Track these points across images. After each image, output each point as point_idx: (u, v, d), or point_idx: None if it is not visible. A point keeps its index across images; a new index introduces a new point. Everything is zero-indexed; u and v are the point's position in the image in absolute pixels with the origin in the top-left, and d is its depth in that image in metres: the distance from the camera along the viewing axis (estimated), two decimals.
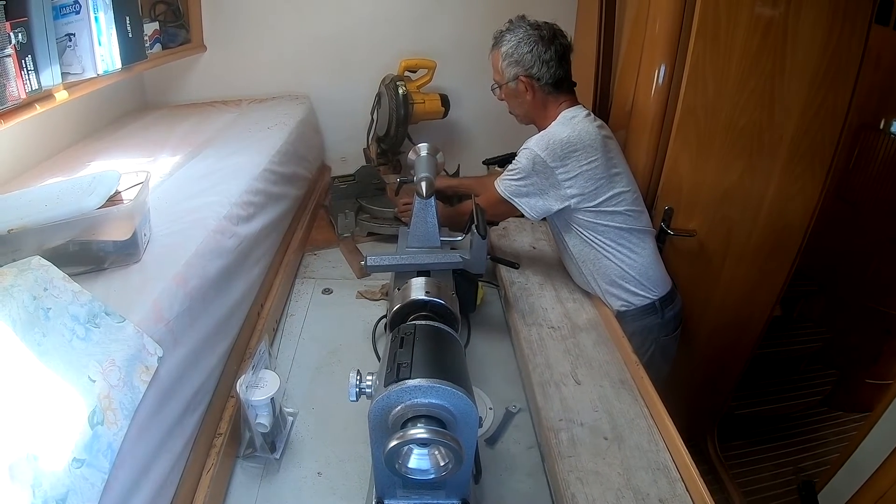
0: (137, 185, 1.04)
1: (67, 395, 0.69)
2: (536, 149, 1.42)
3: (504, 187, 1.48)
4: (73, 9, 1.27)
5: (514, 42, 1.44)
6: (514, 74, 1.47)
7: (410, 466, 0.76)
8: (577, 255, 1.54)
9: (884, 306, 2.41)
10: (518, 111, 1.56)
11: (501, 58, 1.47)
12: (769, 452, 2.32)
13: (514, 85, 1.48)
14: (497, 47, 1.49)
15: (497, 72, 1.51)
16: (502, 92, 1.54)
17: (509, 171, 1.49)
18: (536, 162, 1.42)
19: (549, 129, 1.47)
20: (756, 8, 1.47)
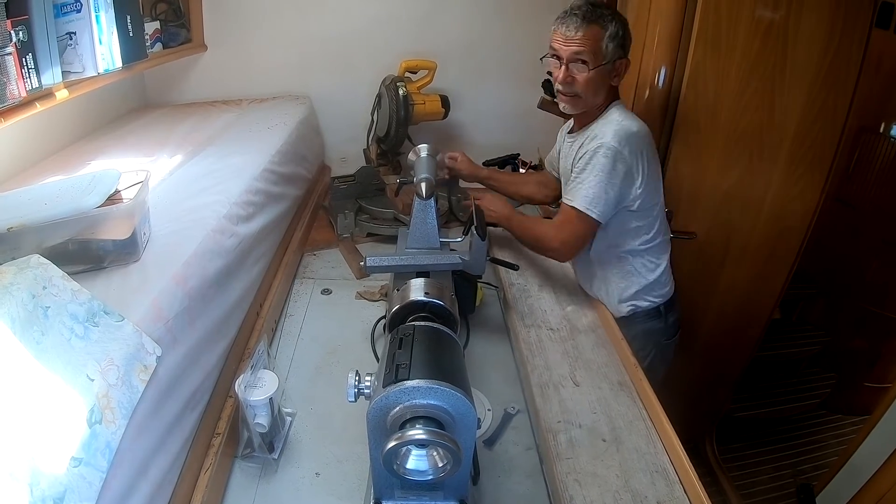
0: (137, 184, 1.04)
1: (66, 394, 0.69)
2: (615, 143, 1.32)
3: (584, 202, 1.35)
4: (74, 7, 1.27)
5: (621, 23, 1.34)
6: (616, 56, 1.35)
7: (409, 467, 0.76)
8: (597, 259, 1.49)
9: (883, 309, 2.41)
10: (591, 97, 1.40)
11: (608, 38, 1.32)
12: (768, 455, 2.32)
13: (610, 67, 1.36)
14: (596, 25, 1.32)
15: (594, 51, 1.33)
16: (587, 74, 1.36)
17: (580, 181, 1.36)
18: (618, 159, 1.32)
19: (616, 122, 1.37)
20: (757, 11, 1.47)
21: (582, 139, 1.42)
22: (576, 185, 1.37)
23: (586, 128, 1.44)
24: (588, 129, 1.43)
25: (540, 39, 2.23)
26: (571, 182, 1.39)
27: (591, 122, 1.43)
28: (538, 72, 2.01)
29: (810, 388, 2.60)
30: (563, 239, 1.41)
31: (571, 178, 1.40)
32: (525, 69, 2.23)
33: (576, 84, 1.36)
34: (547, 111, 2.10)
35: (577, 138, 1.47)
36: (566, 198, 1.40)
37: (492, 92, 2.34)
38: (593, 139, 1.36)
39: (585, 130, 1.44)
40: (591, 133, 1.40)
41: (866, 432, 1.67)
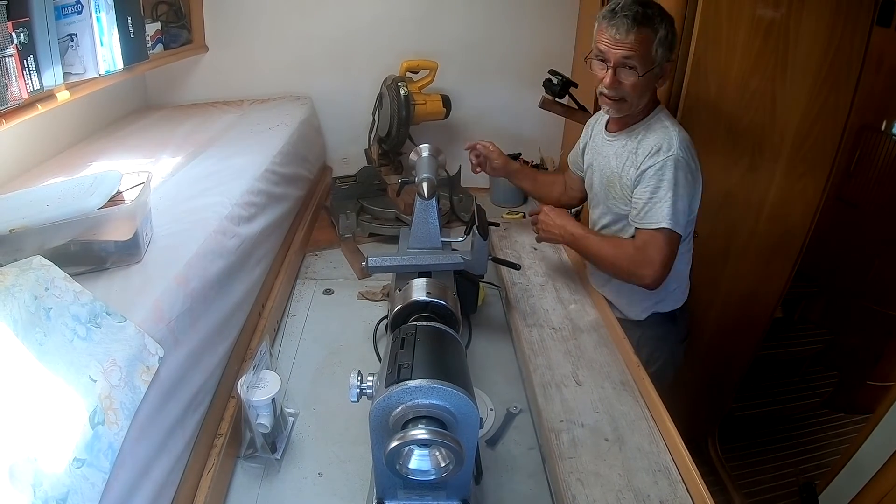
0: (139, 185, 1.04)
1: (68, 395, 0.69)
2: (682, 153, 1.27)
3: (669, 221, 1.27)
4: (74, 9, 1.27)
5: (670, 25, 1.26)
6: (664, 59, 1.28)
7: (411, 467, 0.76)
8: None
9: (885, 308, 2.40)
10: (637, 101, 1.34)
11: (658, 42, 1.25)
12: (770, 454, 2.32)
13: (658, 70, 1.30)
14: (648, 28, 1.25)
15: (645, 56, 1.26)
16: (636, 79, 1.29)
17: (657, 199, 1.28)
18: (687, 168, 1.28)
19: (672, 129, 1.31)
20: (758, 9, 1.47)
21: (631, 145, 1.36)
22: (653, 204, 1.29)
23: (629, 131, 1.39)
24: (633, 133, 1.37)
25: (541, 39, 2.26)
26: (647, 202, 1.30)
27: (635, 125, 1.38)
28: (539, 71, 2.02)
29: (812, 386, 2.60)
30: (654, 264, 1.30)
31: (646, 200, 1.30)
32: (526, 68, 2.24)
33: (622, 88, 1.30)
34: (548, 110, 2.09)
35: (619, 139, 1.41)
36: (646, 222, 1.30)
37: (493, 91, 2.34)
38: (656, 151, 1.29)
39: (631, 135, 1.38)
40: (644, 141, 1.33)
41: (869, 431, 1.67)
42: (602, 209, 1.50)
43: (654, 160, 1.29)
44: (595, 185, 1.51)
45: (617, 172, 1.40)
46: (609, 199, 1.44)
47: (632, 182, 1.34)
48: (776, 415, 2.47)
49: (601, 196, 1.48)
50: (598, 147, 1.51)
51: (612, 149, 1.43)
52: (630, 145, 1.37)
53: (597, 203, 1.52)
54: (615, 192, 1.41)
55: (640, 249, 1.32)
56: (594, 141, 1.55)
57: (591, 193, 1.56)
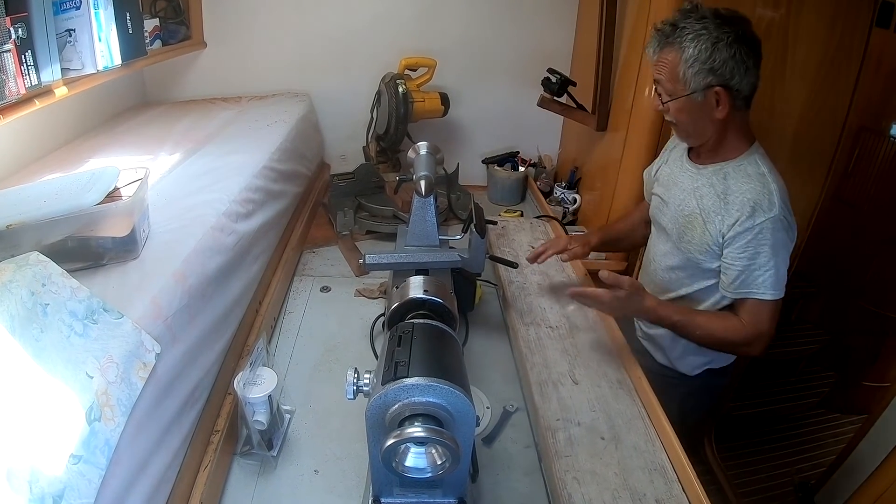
0: (136, 181, 1.04)
1: (65, 392, 0.69)
2: (783, 212, 1.14)
3: (775, 291, 1.17)
4: (73, 4, 1.27)
5: (708, 43, 1.09)
6: (705, 84, 1.12)
7: (407, 465, 0.76)
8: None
9: (882, 308, 2.41)
10: (691, 127, 1.21)
11: (685, 63, 1.11)
12: (766, 454, 2.32)
13: (702, 97, 1.14)
14: (674, 47, 1.13)
15: (672, 79, 1.15)
16: (676, 105, 1.17)
17: (758, 266, 1.16)
18: (788, 228, 1.16)
19: (770, 180, 1.17)
20: (757, 10, 1.47)
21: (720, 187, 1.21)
22: (751, 272, 1.17)
23: (718, 169, 1.23)
24: (721, 172, 1.22)
25: (540, 37, 2.25)
26: (743, 270, 1.17)
27: (724, 163, 1.22)
28: (538, 69, 2.02)
29: (809, 386, 2.60)
30: (763, 336, 1.20)
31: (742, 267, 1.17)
32: (525, 67, 2.24)
33: (669, 113, 1.21)
34: (547, 109, 2.10)
35: (703, 174, 1.26)
36: (747, 292, 1.19)
37: (491, 89, 2.34)
38: (754, 210, 1.14)
39: (719, 174, 1.22)
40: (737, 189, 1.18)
41: (865, 431, 1.67)
42: (669, 247, 1.35)
43: (753, 222, 1.14)
44: (666, 220, 1.35)
45: (698, 214, 1.24)
46: (683, 242, 1.28)
47: (718, 235, 1.20)
48: (773, 414, 2.47)
49: (673, 234, 1.32)
50: (675, 176, 1.35)
51: (694, 183, 1.27)
52: (718, 187, 1.21)
53: (664, 239, 1.37)
54: (693, 235, 1.25)
55: (749, 323, 1.20)
56: (670, 166, 1.38)
57: (657, 227, 1.42)
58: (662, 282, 1.38)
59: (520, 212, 2.19)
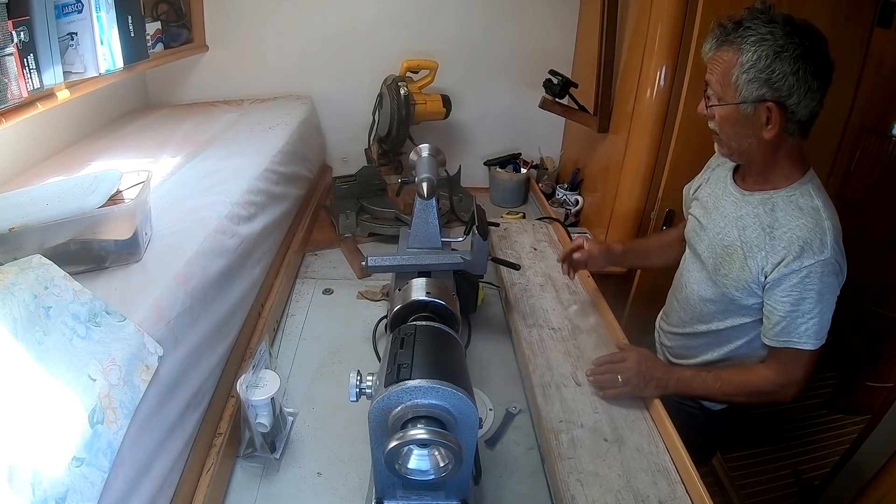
0: (139, 184, 1.04)
1: (67, 394, 0.69)
2: (835, 256, 1.04)
3: (817, 341, 1.09)
4: (75, 8, 1.27)
5: (771, 51, 0.98)
6: (758, 97, 1.02)
7: (410, 467, 0.76)
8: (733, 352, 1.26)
9: (885, 309, 2.40)
10: (735, 143, 1.11)
11: (740, 66, 1.01)
12: (769, 455, 2.32)
13: (752, 110, 1.03)
14: (732, 47, 1.02)
15: (723, 81, 1.05)
16: (721, 111, 1.08)
17: (802, 313, 1.07)
18: (838, 273, 1.06)
19: (825, 218, 1.06)
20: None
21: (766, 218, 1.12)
22: (794, 318, 1.08)
23: (766, 197, 1.13)
24: (769, 201, 1.12)
25: (541, 39, 2.25)
26: (786, 316, 1.09)
27: (774, 191, 1.13)
28: (540, 71, 2.02)
29: (812, 387, 2.59)
30: (797, 384, 1.14)
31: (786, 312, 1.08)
32: (527, 69, 2.24)
33: (713, 121, 1.11)
34: (548, 111, 2.10)
35: (748, 201, 1.16)
36: (787, 340, 1.10)
37: (493, 91, 2.35)
38: (803, 250, 1.04)
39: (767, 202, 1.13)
40: (785, 221, 1.09)
41: (868, 432, 1.67)
42: (704, 277, 1.25)
43: (801, 264, 1.05)
44: (703, 247, 1.26)
45: (741, 247, 1.14)
46: (719, 274, 1.19)
47: (760, 273, 1.11)
48: (775, 415, 2.46)
49: (709, 264, 1.23)
50: (717, 199, 1.25)
51: (738, 211, 1.18)
52: (765, 218, 1.12)
53: (699, 267, 1.28)
54: (731, 269, 1.16)
55: (781, 372, 1.13)
56: (713, 188, 1.28)
57: (692, 251, 1.31)
58: (695, 312, 1.30)
59: (522, 213, 2.19)
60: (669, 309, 1.43)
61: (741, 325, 1.21)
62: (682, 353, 1.39)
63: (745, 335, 1.22)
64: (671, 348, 1.43)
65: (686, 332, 1.35)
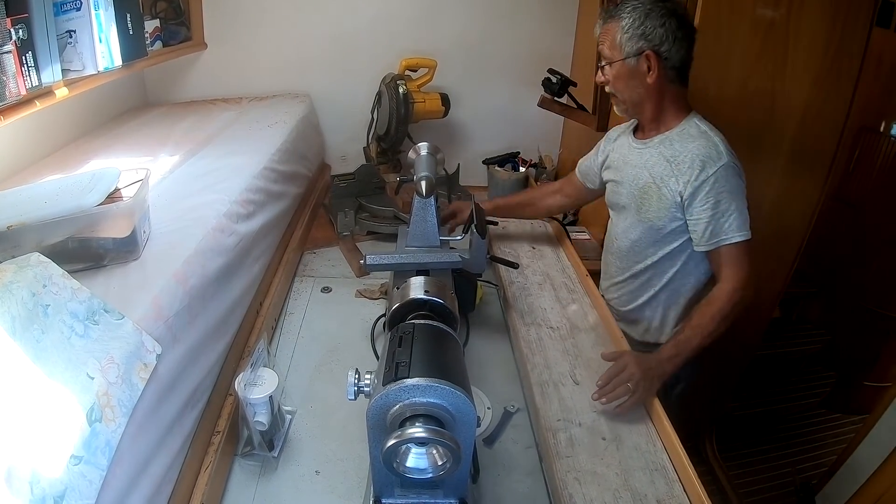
0: (137, 182, 1.04)
1: (66, 392, 0.69)
2: (730, 158, 1.25)
3: (742, 232, 1.24)
4: (73, 5, 1.27)
5: (642, 13, 1.24)
6: (637, 49, 1.26)
7: (408, 465, 0.76)
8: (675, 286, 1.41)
9: (883, 308, 2.41)
10: (627, 95, 1.33)
11: (622, 30, 1.26)
12: (767, 454, 2.32)
13: (635, 62, 1.27)
14: (614, 19, 1.28)
15: (611, 46, 1.29)
16: (612, 70, 1.31)
17: (722, 212, 1.24)
18: (740, 173, 1.26)
19: (713, 134, 1.28)
20: (757, 9, 1.47)
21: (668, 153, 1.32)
22: (717, 219, 1.25)
23: (663, 139, 1.34)
24: (667, 140, 1.33)
25: (540, 37, 2.25)
26: (711, 220, 1.25)
27: (667, 132, 1.34)
28: (538, 70, 2.02)
29: (810, 386, 2.60)
30: (749, 279, 1.26)
31: (709, 217, 1.25)
32: (525, 67, 2.24)
33: (610, 85, 1.34)
34: (547, 109, 2.10)
35: (649, 147, 1.37)
36: (718, 240, 1.25)
37: (492, 90, 2.35)
38: (705, 163, 1.24)
39: (665, 143, 1.33)
40: (684, 150, 1.29)
41: (866, 431, 1.67)
42: (630, 222, 1.42)
43: (707, 174, 1.24)
44: (623, 197, 1.44)
45: (654, 182, 1.33)
46: (642, 212, 1.37)
47: (676, 196, 1.29)
48: (773, 415, 2.47)
49: (631, 209, 1.41)
50: (625, 156, 1.45)
51: (643, 157, 1.38)
52: (666, 153, 1.32)
53: (622, 217, 1.46)
54: (651, 203, 1.34)
55: (731, 275, 1.26)
56: (619, 152, 1.48)
57: (617, 208, 1.49)
58: (629, 256, 1.46)
59: None
60: (607, 266, 1.59)
61: (671, 251, 1.37)
62: (628, 298, 1.51)
63: (677, 260, 1.37)
64: (617, 299, 1.55)
65: (626, 278, 1.49)
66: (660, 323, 1.48)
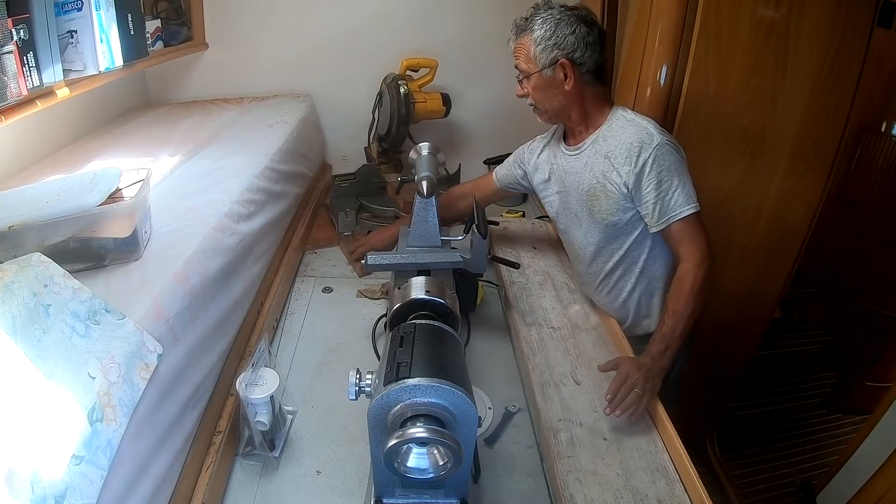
0: (138, 182, 1.04)
1: (67, 392, 0.69)
2: (662, 137, 1.25)
3: (689, 204, 1.25)
4: (75, 6, 1.27)
5: (552, 23, 1.25)
6: (552, 59, 1.26)
7: (409, 465, 0.76)
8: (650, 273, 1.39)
9: (884, 308, 2.40)
10: (548, 105, 1.34)
11: (535, 43, 1.26)
12: (768, 454, 2.32)
13: (551, 73, 1.28)
14: (526, 32, 1.28)
15: (526, 60, 1.30)
16: (530, 83, 1.32)
17: (666, 189, 1.24)
18: (675, 149, 1.26)
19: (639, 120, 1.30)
20: (758, 9, 1.47)
21: (602, 150, 1.31)
22: (662, 198, 1.25)
23: (594, 139, 1.34)
24: (598, 139, 1.33)
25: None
26: (657, 200, 1.25)
27: (596, 131, 1.34)
28: None
29: (811, 387, 2.60)
30: (703, 251, 1.27)
31: (655, 197, 1.25)
32: None
33: (530, 97, 1.35)
34: None
35: (584, 150, 1.36)
36: (668, 217, 1.26)
37: (493, 90, 2.34)
38: (640, 148, 1.25)
39: (597, 142, 1.33)
40: (617, 144, 1.29)
41: (867, 432, 1.67)
42: (586, 227, 1.40)
43: (643, 157, 1.24)
44: (573, 205, 1.42)
45: (598, 183, 1.33)
46: (595, 213, 1.35)
47: (622, 187, 1.28)
48: (774, 415, 2.46)
49: (584, 214, 1.39)
50: (563, 166, 1.43)
51: (581, 162, 1.37)
52: (601, 150, 1.32)
53: (577, 224, 1.43)
54: (600, 203, 1.33)
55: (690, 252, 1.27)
56: (553, 164, 1.47)
57: (568, 218, 1.46)
58: (595, 257, 1.43)
59: (521, 212, 2.18)
60: (580, 277, 1.56)
61: (633, 241, 1.35)
62: (612, 298, 1.47)
63: (643, 247, 1.36)
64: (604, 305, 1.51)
65: (601, 280, 1.45)
66: (647, 311, 1.44)
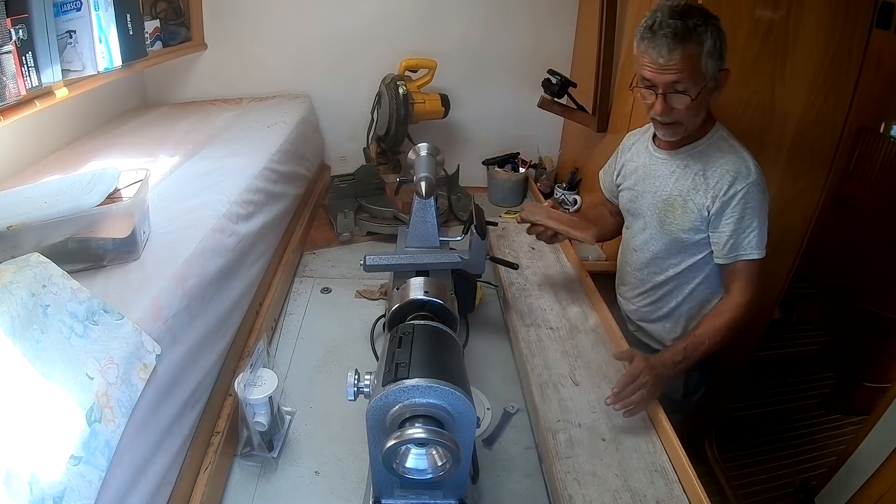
0: (137, 182, 1.04)
1: (65, 393, 0.69)
2: (759, 176, 1.21)
3: (759, 250, 1.23)
4: (73, 6, 1.27)
5: (715, 29, 1.13)
6: (716, 69, 1.16)
7: (408, 466, 0.76)
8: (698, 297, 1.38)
9: (882, 309, 2.41)
10: (693, 120, 1.24)
11: (707, 55, 1.13)
12: (767, 455, 2.32)
13: (713, 84, 1.18)
14: (695, 41, 1.12)
15: (693, 73, 1.14)
16: (695, 99, 1.17)
17: (743, 228, 1.22)
18: (765, 190, 1.23)
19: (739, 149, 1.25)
20: (757, 10, 1.47)
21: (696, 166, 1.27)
22: (738, 234, 1.23)
23: (690, 150, 1.29)
24: (695, 153, 1.28)
25: (540, 39, 2.26)
26: (733, 234, 1.23)
27: (695, 143, 1.29)
28: (538, 70, 2.03)
29: (809, 387, 2.60)
30: (755, 297, 1.26)
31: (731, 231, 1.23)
32: (525, 68, 2.24)
33: (676, 113, 1.20)
34: (547, 110, 2.10)
35: (676, 158, 1.31)
36: (737, 254, 1.24)
37: (492, 91, 2.34)
38: (735, 178, 1.21)
39: (693, 155, 1.29)
40: (715, 165, 1.25)
41: (865, 432, 1.67)
42: (651, 233, 1.38)
43: (735, 189, 1.21)
44: (644, 208, 1.39)
45: (680, 195, 1.29)
46: (666, 224, 1.33)
47: (704, 210, 1.26)
48: (773, 415, 2.47)
49: (652, 220, 1.37)
50: (646, 166, 1.38)
51: (669, 168, 1.33)
52: (694, 166, 1.28)
53: (642, 227, 1.41)
54: (675, 216, 1.30)
55: (739, 289, 1.26)
56: (638, 160, 1.42)
57: (635, 217, 1.44)
58: (650, 267, 1.42)
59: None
60: (625, 278, 1.53)
61: (694, 263, 1.34)
62: (649, 310, 1.47)
63: (700, 272, 1.35)
64: (636, 310, 1.52)
65: (647, 289, 1.45)
66: (677, 332, 1.43)
